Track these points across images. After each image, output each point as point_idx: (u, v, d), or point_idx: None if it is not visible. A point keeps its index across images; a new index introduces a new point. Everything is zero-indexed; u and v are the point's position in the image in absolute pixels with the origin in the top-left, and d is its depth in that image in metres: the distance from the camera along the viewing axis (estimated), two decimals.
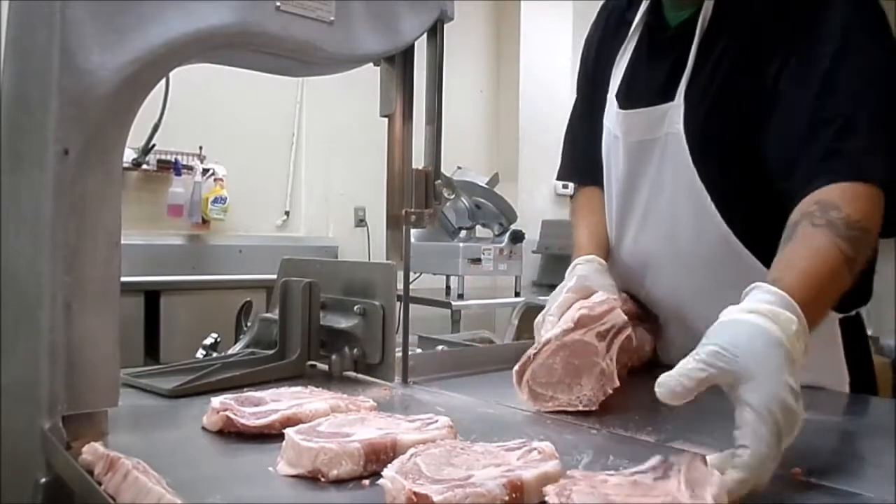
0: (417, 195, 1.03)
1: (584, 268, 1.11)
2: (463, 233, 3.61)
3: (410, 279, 1.08)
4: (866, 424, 1.00)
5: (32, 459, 0.67)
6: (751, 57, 1.04)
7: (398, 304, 1.07)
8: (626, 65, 1.20)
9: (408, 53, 1.03)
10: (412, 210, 1.03)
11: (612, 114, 1.21)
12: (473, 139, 4.58)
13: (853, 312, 1.11)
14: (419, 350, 1.34)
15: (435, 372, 1.12)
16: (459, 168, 3.57)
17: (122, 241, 0.73)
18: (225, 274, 3.31)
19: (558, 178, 1.43)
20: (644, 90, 1.15)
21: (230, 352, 1.17)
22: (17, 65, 0.74)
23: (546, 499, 0.55)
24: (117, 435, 0.74)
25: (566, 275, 1.11)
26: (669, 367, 0.75)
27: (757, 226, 1.01)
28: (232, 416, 0.76)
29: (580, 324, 0.91)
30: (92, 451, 0.63)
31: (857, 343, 1.11)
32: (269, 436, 0.74)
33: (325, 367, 1.09)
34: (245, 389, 0.90)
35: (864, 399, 1.08)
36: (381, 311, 1.04)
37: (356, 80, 1.28)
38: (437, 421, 0.74)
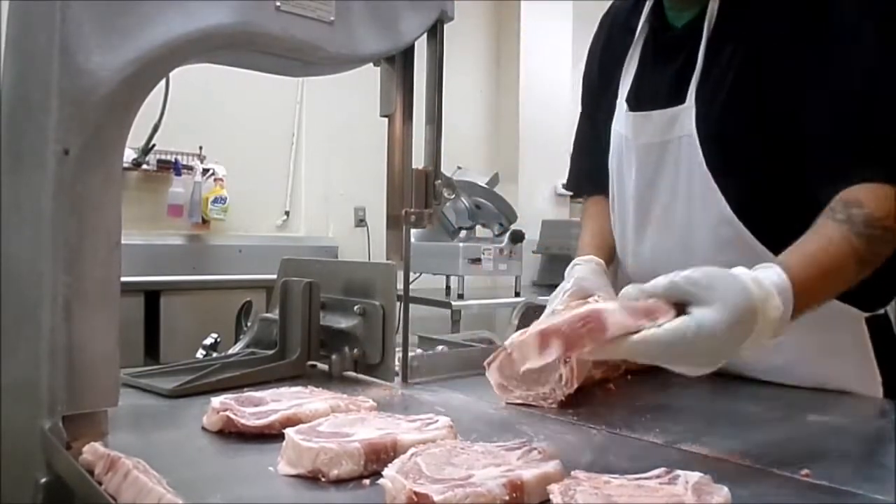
0: (417, 195, 1.03)
1: (582, 269, 1.13)
2: (463, 233, 3.61)
3: (410, 279, 1.08)
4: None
5: (33, 459, 0.67)
6: (762, 56, 1.01)
7: (398, 304, 1.07)
8: (634, 69, 1.19)
9: (408, 53, 1.03)
10: (412, 210, 1.03)
11: (622, 117, 1.19)
12: (473, 139, 4.58)
13: (881, 311, 1.08)
14: (419, 350, 1.34)
15: (435, 372, 1.12)
16: (459, 168, 3.57)
17: (122, 241, 0.73)
18: (225, 274, 3.31)
19: (567, 188, 1.46)
20: (653, 93, 1.14)
21: (230, 352, 1.16)
22: (18, 65, 0.74)
23: (550, 497, 0.55)
24: (117, 435, 0.74)
25: (565, 274, 1.14)
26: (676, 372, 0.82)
27: (778, 228, 0.96)
28: (232, 416, 0.76)
29: None
30: (92, 450, 0.63)
31: (886, 343, 1.08)
32: (270, 436, 0.74)
33: (325, 367, 1.09)
34: (245, 389, 0.90)
35: (885, 403, 1.04)
36: (381, 311, 1.04)
37: (356, 80, 1.28)
38: (437, 421, 0.74)
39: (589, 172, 1.34)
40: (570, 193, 1.51)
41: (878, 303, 1.07)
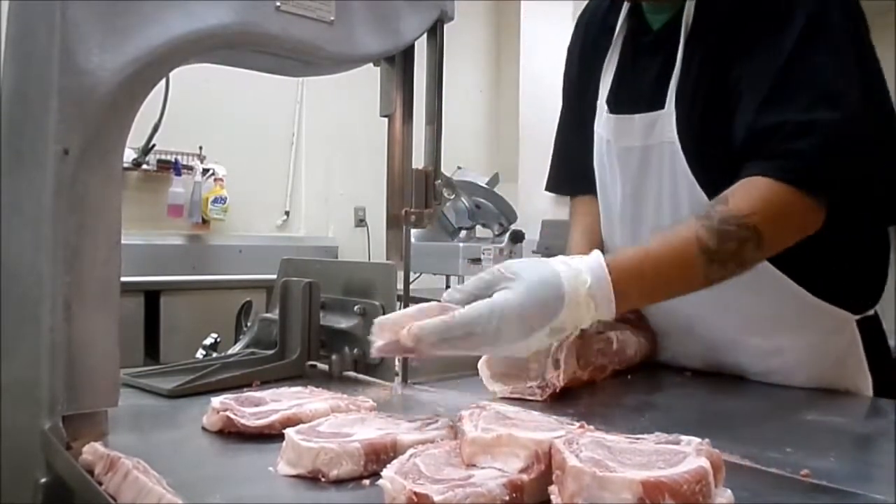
0: (417, 195, 1.03)
1: None
2: (463, 233, 3.61)
3: (410, 279, 1.08)
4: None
5: (32, 459, 0.67)
6: (733, 59, 1.00)
7: (398, 304, 1.07)
8: (613, 71, 1.18)
9: (408, 53, 1.03)
10: (412, 210, 1.03)
11: (603, 119, 1.18)
12: (473, 139, 4.58)
13: (871, 312, 1.09)
14: None
15: (435, 372, 1.11)
16: (459, 168, 3.58)
17: (122, 241, 0.73)
18: (225, 274, 3.31)
19: (548, 190, 1.41)
20: (633, 96, 1.13)
21: (230, 352, 1.16)
22: (18, 65, 0.74)
23: (551, 498, 0.55)
24: (117, 435, 0.74)
25: None
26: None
27: None
28: (232, 416, 0.76)
29: None
30: (92, 450, 0.63)
31: (875, 345, 1.08)
32: (269, 436, 0.74)
33: (325, 367, 1.09)
34: (245, 389, 0.90)
35: (881, 402, 1.05)
36: (381, 312, 1.04)
37: (356, 80, 1.28)
38: (437, 421, 0.74)
39: (571, 173, 1.33)
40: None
41: (865, 305, 1.08)
